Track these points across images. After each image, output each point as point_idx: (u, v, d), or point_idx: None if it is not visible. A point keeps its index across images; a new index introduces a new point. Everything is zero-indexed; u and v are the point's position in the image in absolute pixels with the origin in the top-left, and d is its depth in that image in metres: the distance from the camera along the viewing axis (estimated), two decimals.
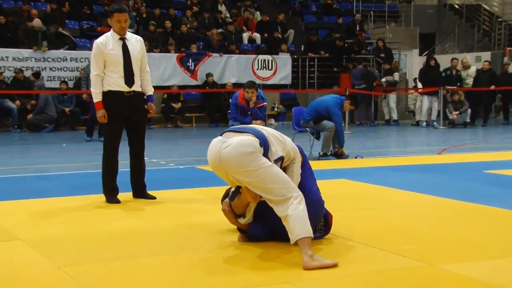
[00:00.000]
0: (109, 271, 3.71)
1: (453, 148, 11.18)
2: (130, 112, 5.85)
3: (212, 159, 4.00)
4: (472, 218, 5.17)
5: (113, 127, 5.85)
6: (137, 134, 5.96)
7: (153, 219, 5.17)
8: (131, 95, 5.82)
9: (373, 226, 4.83)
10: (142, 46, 5.94)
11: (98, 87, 5.77)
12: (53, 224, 5.00)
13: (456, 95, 15.86)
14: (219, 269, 3.75)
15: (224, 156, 3.88)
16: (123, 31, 5.81)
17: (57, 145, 11.70)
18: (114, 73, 5.75)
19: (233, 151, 3.85)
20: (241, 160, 3.83)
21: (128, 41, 5.84)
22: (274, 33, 18.70)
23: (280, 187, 3.82)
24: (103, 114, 5.78)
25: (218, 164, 3.94)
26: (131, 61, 5.80)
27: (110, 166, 5.90)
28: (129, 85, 5.80)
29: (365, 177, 7.37)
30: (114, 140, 5.88)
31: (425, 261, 3.83)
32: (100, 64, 5.75)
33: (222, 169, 3.94)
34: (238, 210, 4.23)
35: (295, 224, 3.75)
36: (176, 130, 15.63)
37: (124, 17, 5.77)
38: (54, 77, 15.60)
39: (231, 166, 3.88)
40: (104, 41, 5.78)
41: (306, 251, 3.70)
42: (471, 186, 6.84)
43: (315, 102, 9.55)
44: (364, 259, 3.92)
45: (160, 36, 17.12)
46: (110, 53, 5.74)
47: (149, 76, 6.02)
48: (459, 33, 23.92)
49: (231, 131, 4.08)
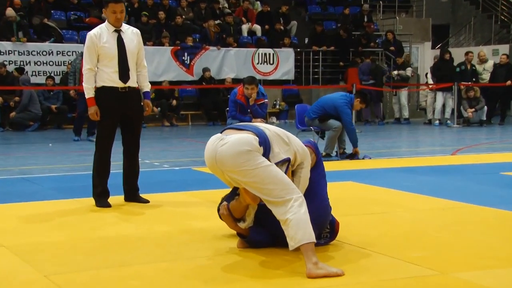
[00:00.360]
0: (99, 280, 3.73)
1: (468, 148, 11.20)
2: (125, 109, 5.87)
3: (208, 158, 4.02)
4: (488, 223, 5.19)
5: (106, 125, 5.87)
6: (132, 132, 5.97)
7: (146, 224, 5.18)
8: (126, 91, 5.84)
9: (382, 232, 4.84)
10: (139, 40, 5.96)
11: (91, 82, 5.79)
12: (39, 229, 5.01)
13: (472, 91, 15.87)
14: (217, 277, 3.76)
15: (220, 155, 3.90)
16: (119, 23, 5.83)
17: (43, 145, 11.72)
18: (108, 68, 5.77)
19: (229, 149, 3.87)
20: (237, 159, 3.84)
21: (123, 34, 5.86)
22: (276, 24, 18.71)
23: (279, 188, 3.82)
24: (95, 110, 5.80)
25: (214, 163, 3.96)
26: (127, 55, 5.81)
27: (102, 167, 5.92)
28: (124, 80, 5.82)
29: (374, 179, 7.38)
30: (107, 139, 5.89)
31: (437, 269, 3.84)
32: (93, 58, 5.77)
33: (218, 168, 3.96)
34: (237, 214, 4.25)
35: (296, 229, 3.75)
36: (171, 129, 15.66)
37: (120, 8, 5.78)
38: (39, 72, 15.61)
39: (226, 166, 3.90)
40: (98, 33, 5.79)
41: (310, 258, 3.70)
42: (487, 189, 6.86)
43: (322, 99, 9.58)
44: (373, 267, 3.93)
45: (153, 28, 17.14)
46: (104, 46, 5.76)
47: (146, 72, 6.04)
48: (475, 25, 23.93)
49: (231, 129, 4.11)
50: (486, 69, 17.01)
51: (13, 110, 14.48)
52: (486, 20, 23.81)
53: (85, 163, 9.10)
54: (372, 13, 20.80)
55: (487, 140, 13.06)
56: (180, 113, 16.48)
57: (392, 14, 21.89)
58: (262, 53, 17.87)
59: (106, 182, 5.93)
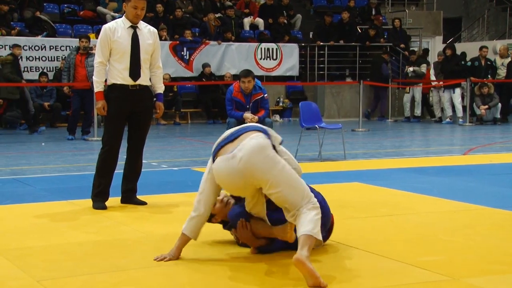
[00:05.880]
0: (93, 285, 3.74)
1: (481, 147, 11.20)
2: (134, 107, 5.91)
3: (228, 179, 4.05)
4: (502, 226, 5.19)
5: (114, 123, 5.91)
6: (139, 131, 6.02)
7: (143, 227, 5.19)
8: (137, 89, 5.89)
9: (390, 236, 4.85)
10: (155, 39, 6.00)
11: (101, 76, 5.86)
12: (31, 233, 5.02)
13: (486, 87, 15.82)
14: (216, 283, 3.77)
15: (248, 166, 3.95)
16: (137, 20, 5.88)
17: (35, 144, 11.73)
18: (119, 64, 5.83)
19: (254, 158, 3.94)
20: (266, 164, 3.95)
21: (139, 31, 5.91)
22: (279, 18, 18.70)
23: (301, 189, 3.95)
24: (102, 105, 5.84)
25: (238, 181, 4.02)
26: (139, 53, 5.86)
27: (105, 167, 5.93)
28: (134, 78, 5.86)
29: (381, 180, 7.38)
30: (114, 138, 5.92)
31: (448, 275, 3.85)
32: (105, 52, 5.83)
33: (242, 184, 4.03)
34: (259, 233, 4.27)
35: (308, 221, 3.84)
36: (169, 127, 15.65)
37: (142, 4, 5.83)
38: (31, 68, 15.61)
39: (256, 175, 3.96)
40: (113, 27, 5.85)
41: (305, 250, 3.73)
42: (501, 190, 6.85)
43: None
44: (380, 271, 3.94)
45: (151, 21, 17.07)
46: (117, 40, 5.81)
47: (161, 73, 6.10)
48: (489, 18, 23.92)
49: (225, 145, 4.13)
50: (505, 64, 16.89)
51: (3, 108, 14.46)
52: (500, 13, 23.78)
53: (79, 163, 9.12)
54: (380, 6, 20.77)
55: (501, 139, 13.04)
56: (181, 111, 16.43)
57: (401, 6, 21.86)
58: (264, 48, 17.85)
59: (107, 183, 5.94)
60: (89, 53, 11.94)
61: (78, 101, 12.29)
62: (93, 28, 16.10)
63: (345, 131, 11.20)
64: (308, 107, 10.10)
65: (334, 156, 9.74)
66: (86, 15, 16.95)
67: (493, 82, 16.28)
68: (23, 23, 16.02)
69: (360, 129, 14.18)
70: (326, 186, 6.46)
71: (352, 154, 9.99)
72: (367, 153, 9.84)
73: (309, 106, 10.21)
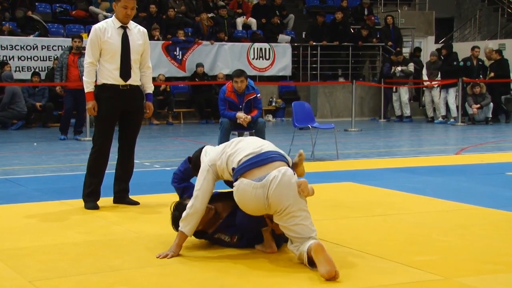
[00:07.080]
0: (86, 286, 3.73)
1: (473, 147, 11.23)
2: (125, 107, 5.91)
3: (250, 203, 4.13)
4: (495, 225, 5.20)
5: (105, 123, 5.91)
6: (130, 130, 6.03)
7: (136, 227, 5.19)
8: (127, 89, 5.89)
9: (383, 235, 4.86)
10: (145, 39, 6.01)
11: (91, 76, 5.85)
12: (23, 233, 5.01)
13: (478, 87, 15.87)
14: (211, 281, 3.77)
15: (273, 201, 4.04)
16: (127, 20, 5.87)
17: (27, 144, 11.70)
18: (110, 64, 5.82)
19: (283, 196, 4.03)
20: (291, 193, 4.06)
21: (129, 31, 5.90)
22: (272, 18, 18.71)
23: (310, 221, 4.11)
24: (93, 105, 5.84)
25: (259, 207, 4.11)
26: (130, 53, 5.86)
27: (96, 166, 5.93)
28: (125, 78, 5.86)
29: (375, 180, 7.40)
30: (106, 138, 5.92)
31: (441, 274, 3.86)
32: (95, 52, 5.83)
33: (261, 210, 4.13)
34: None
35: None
36: (162, 127, 15.64)
37: (132, 4, 5.83)
38: (23, 68, 15.57)
39: (282, 205, 4.05)
40: (103, 28, 5.85)
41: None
42: (493, 190, 6.88)
43: None
44: (374, 271, 3.95)
45: (144, 21, 17.07)
46: (107, 41, 5.81)
47: (150, 73, 6.11)
48: (481, 18, 23.98)
49: (251, 170, 4.15)
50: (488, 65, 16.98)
51: None
52: (492, 13, 23.85)
53: (71, 163, 9.11)
54: (373, 6, 20.80)
55: (493, 138, 13.09)
56: (173, 110, 16.41)
57: (393, 6, 21.90)
58: (257, 48, 17.86)
59: (98, 183, 5.94)
60: (82, 53, 11.90)
61: (70, 101, 12.26)
62: (85, 28, 16.06)
63: (338, 131, 11.22)
64: (301, 107, 10.11)
65: (327, 156, 9.75)
66: (78, 15, 16.91)
67: (485, 82, 16.34)
68: (15, 23, 15.98)
69: (352, 129, 14.20)
70: (319, 186, 6.45)
71: (345, 154, 10.01)
72: (360, 153, 9.85)
73: (302, 106, 10.22)
